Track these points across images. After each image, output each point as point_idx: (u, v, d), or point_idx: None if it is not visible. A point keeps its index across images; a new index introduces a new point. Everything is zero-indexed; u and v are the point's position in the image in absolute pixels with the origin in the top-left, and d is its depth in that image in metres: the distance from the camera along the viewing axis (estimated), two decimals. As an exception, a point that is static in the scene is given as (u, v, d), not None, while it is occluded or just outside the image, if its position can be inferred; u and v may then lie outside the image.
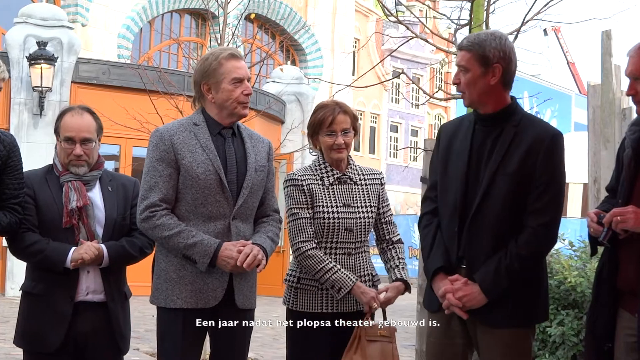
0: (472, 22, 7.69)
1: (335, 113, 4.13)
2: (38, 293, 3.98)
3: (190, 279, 3.76)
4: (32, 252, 3.93)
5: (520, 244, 3.48)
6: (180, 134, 3.82)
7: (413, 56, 38.01)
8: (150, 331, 11.08)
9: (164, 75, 11.44)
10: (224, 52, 3.89)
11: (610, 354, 3.40)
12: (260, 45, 20.08)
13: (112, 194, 4.09)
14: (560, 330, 8.20)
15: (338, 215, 4.09)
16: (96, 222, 4.01)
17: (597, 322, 3.43)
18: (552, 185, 3.52)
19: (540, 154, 3.50)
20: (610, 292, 3.38)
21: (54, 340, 3.93)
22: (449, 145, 3.75)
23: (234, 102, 3.84)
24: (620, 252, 3.36)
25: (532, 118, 3.68)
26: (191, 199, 3.78)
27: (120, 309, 4.08)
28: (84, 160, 4.02)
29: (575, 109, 44.89)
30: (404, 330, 11.61)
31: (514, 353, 3.58)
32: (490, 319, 3.55)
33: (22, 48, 15.01)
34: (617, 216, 3.24)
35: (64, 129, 4.02)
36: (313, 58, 29.10)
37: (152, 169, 3.78)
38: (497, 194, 3.52)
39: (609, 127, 10.04)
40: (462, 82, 3.61)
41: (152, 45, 25.36)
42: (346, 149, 4.16)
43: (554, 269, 8.53)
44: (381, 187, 4.28)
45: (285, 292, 4.20)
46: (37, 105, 14.96)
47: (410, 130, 40.87)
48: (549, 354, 8.37)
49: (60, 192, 3.99)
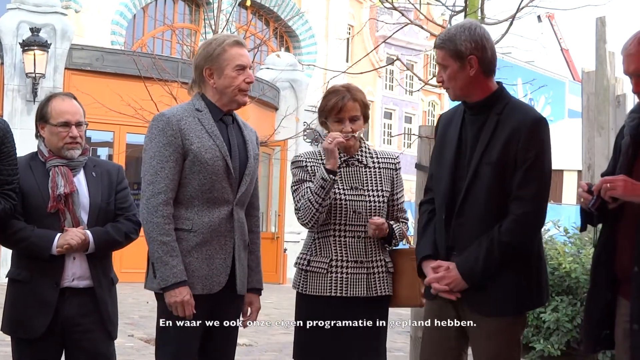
0: (467, 9, 7.66)
1: (345, 100, 4.13)
2: (23, 280, 3.99)
3: (196, 266, 3.77)
4: (17, 239, 3.93)
5: (502, 230, 3.48)
6: (186, 119, 3.81)
7: (407, 43, 37.91)
8: (145, 317, 11.03)
9: (158, 61, 11.42)
10: (229, 38, 3.91)
11: (607, 341, 3.41)
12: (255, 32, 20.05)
13: (97, 179, 4.09)
14: (555, 317, 8.22)
15: (345, 197, 4.09)
16: (81, 208, 4.01)
17: (594, 308, 3.43)
18: (534, 171, 3.49)
19: (520, 141, 3.49)
20: (607, 278, 3.39)
21: (40, 326, 3.93)
22: (444, 134, 3.78)
23: (235, 89, 3.85)
24: (617, 239, 3.37)
25: (517, 104, 3.65)
26: (198, 185, 3.78)
27: (108, 294, 4.09)
28: (79, 143, 4.05)
29: (569, 95, 44.89)
30: (397, 316, 11.65)
31: (503, 339, 3.58)
32: (479, 306, 3.56)
33: (16, 34, 14.97)
34: (607, 183, 3.24)
35: (58, 113, 4.02)
36: (307, 45, 29.03)
37: (158, 153, 3.76)
38: (482, 183, 3.53)
39: (603, 114, 10.05)
40: (444, 79, 3.63)
41: (145, 31, 25.27)
42: (353, 137, 4.15)
43: (549, 255, 8.56)
44: (396, 171, 4.27)
45: (295, 275, 4.23)
46: (30, 92, 14.93)
47: (404, 117, 40.86)
48: (543, 340, 8.39)
49: (44, 179, 3.99)
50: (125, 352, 7.61)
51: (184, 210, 3.79)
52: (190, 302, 3.72)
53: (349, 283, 4.07)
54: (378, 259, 4.15)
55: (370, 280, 4.11)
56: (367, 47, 32.13)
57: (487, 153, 3.54)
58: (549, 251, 8.62)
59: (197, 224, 3.79)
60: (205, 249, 3.79)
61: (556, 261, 8.38)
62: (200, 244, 3.78)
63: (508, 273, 3.53)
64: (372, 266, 4.12)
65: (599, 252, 3.47)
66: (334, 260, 4.09)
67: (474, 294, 3.55)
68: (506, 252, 3.49)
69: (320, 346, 4.09)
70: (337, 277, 4.07)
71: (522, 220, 3.49)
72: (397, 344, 9.17)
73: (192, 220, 3.79)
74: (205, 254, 3.79)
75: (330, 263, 4.09)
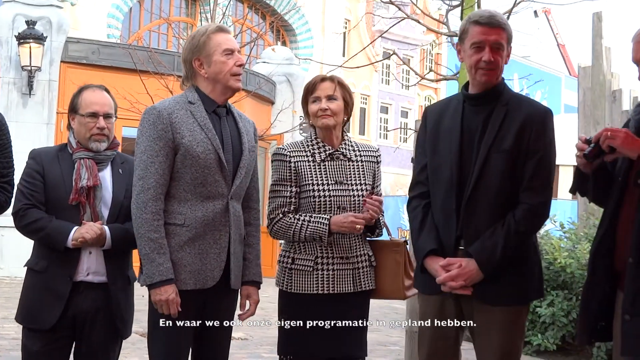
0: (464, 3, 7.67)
1: (319, 79, 4.13)
2: (39, 270, 3.98)
3: (189, 260, 3.75)
4: (34, 228, 3.91)
5: (518, 220, 3.51)
6: (177, 112, 3.78)
7: (404, 37, 37.88)
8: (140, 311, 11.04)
9: (154, 55, 11.41)
10: (211, 26, 3.89)
11: (603, 333, 3.41)
12: (251, 25, 20.03)
13: (123, 176, 4.06)
14: (550, 311, 8.23)
15: (329, 193, 4.04)
16: (102, 204, 3.99)
17: (591, 300, 3.43)
18: (546, 162, 3.57)
19: (533, 130, 3.55)
20: (605, 270, 3.39)
21: (50, 318, 3.91)
22: (437, 126, 3.76)
23: (227, 73, 3.82)
24: (616, 231, 3.36)
25: (521, 97, 3.73)
26: (190, 179, 3.75)
27: (122, 292, 4.06)
28: (105, 135, 4.02)
29: (565, 90, 44.90)
30: (393, 311, 11.65)
31: (511, 330, 3.61)
32: (488, 297, 3.57)
33: (11, 27, 14.92)
34: (608, 132, 3.27)
35: (87, 103, 4.01)
36: (303, 39, 29.01)
37: (148, 148, 3.72)
38: (494, 172, 3.55)
39: (599, 109, 10.06)
40: (499, 60, 3.63)
41: (141, 24, 25.23)
42: (333, 117, 4.09)
43: (544, 250, 8.57)
44: (377, 164, 4.24)
45: (278, 273, 4.16)
46: (26, 85, 14.89)
47: (400, 112, 40.83)
48: (539, 334, 8.41)
49: (70, 171, 3.97)
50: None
51: (177, 205, 3.76)
52: (175, 300, 3.69)
53: (335, 280, 4.02)
54: (362, 253, 4.12)
55: (355, 275, 4.07)
56: (363, 41, 32.10)
57: (497, 142, 3.56)
58: (544, 246, 8.63)
59: (189, 218, 3.75)
60: (198, 244, 3.76)
61: (552, 256, 8.39)
62: (192, 238, 3.75)
63: (514, 262, 3.56)
64: (357, 261, 4.09)
65: (597, 244, 3.46)
66: (319, 258, 4.04)
67: (483, 285, 3.56)
68: (522, 241, 3.54)
69: (306, 341, 4.03)
70: (323, 275, 4.02)
71: (536, 210, 3.54)
72: (392, 338, 9.18)
73: (185, 215, 3.75)
74: (198, 249, 3.76)
75: (316, 260, 4.04)
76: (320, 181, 4.04)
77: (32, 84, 14.86)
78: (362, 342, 4.13)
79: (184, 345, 3.81)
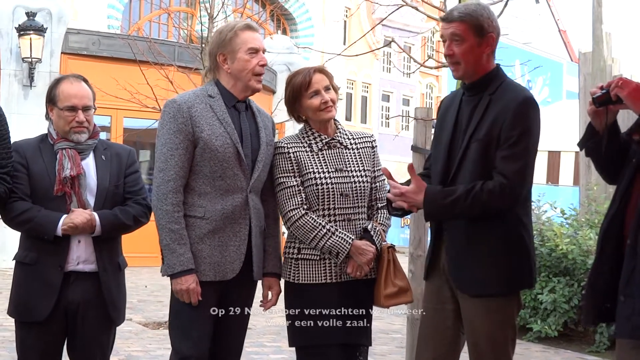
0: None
1: (312, 72, 4.07)
2: (29, 262, 3.97)
3: (208, 252, 3.80)
4: (23, 220, 3.91)
5: (483, 187, 3.48)
6: (197, 105, 3.82)
7: (404, 25, 37.80)
8: (143, 301, 11.00)
9: (154, 45, 11.38)
10: (240, 23, 3.94)
11: (607, 314, 3.40)
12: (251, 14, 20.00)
13: (106, 162, 4.06)
14: (552, 298, 8.25)
15: (331, 180, 4.01)
16: (87, 191, 3.99)
17: (598, 279, 3.41)
18: (516, 149, 3.49)
19: (506, 119, 3.51)
20: (613, 251, 3.38)
21: (43, 310, 3.92)
22: (443, 117, 3.82)
23: (249, 72, 3.87)
24: (626, 212, 3.35)
25: (510, 85, 3.67)
26: (209, 172, 3.80)
27: (113, 279, 4.06)
28: (85, 127, 4.02)
29: (566, 77, 44.77)
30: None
31: (496, 320, 3.60)
32: (468, 287, 3.59)
33: (11, 19, 14.92)
34: (620, 81, 3.27)
35: (65, 97, 4.01)
36: (304, 27, 28.99)
37: (169, 141, 3.78)
38: (469, 161, 3.57)
39: (600, 95, 10.05)
40: (458, 53, 3.62)
41: (141, 15, 25.22)
42: (334, 107, 4.10)
43: (546, 237, 8.59)
44: (373, 150, 4.21)
45: (283, 265, 4.11)
46: (27, 77, 14.90)
47: (402, 100, 40.81)
48: (540, 321, 8.43)
49: (53, 161, 3.97)
50: (123, 336, 7.63)
51: (197, 198, 3.82)
52: (196, 290, 3.75)
53: (342, 268, 4.02)
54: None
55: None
56: (363, 29, 32.08)
57: (476, 132, 3.57)
58: (545, 232, 8.64)
59: (209, 211, 3.81)
60: (217, 236, 3.82)
61: (553, 242, 8.40)
62: (212, 231, 3.81)
63: (498, 253, 3.55)
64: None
65: (608, 224, 3.44)
66: None
67: (462, 275, 3.59)
68: (475, 206, 3.49)
69: (317, 331, 4.00)
70: (330, 263, 4.01)
71: (500, 190, 3.48)
72: (395, 325, 9.21)
73: (205, 208, 3.81)
74: (218, 241, 3.82)
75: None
76: (320, 169, 4.03)
77: (32, 76, 14.87)
78: (368, 330, 4.14)
79: (203, 333, 3.84)
